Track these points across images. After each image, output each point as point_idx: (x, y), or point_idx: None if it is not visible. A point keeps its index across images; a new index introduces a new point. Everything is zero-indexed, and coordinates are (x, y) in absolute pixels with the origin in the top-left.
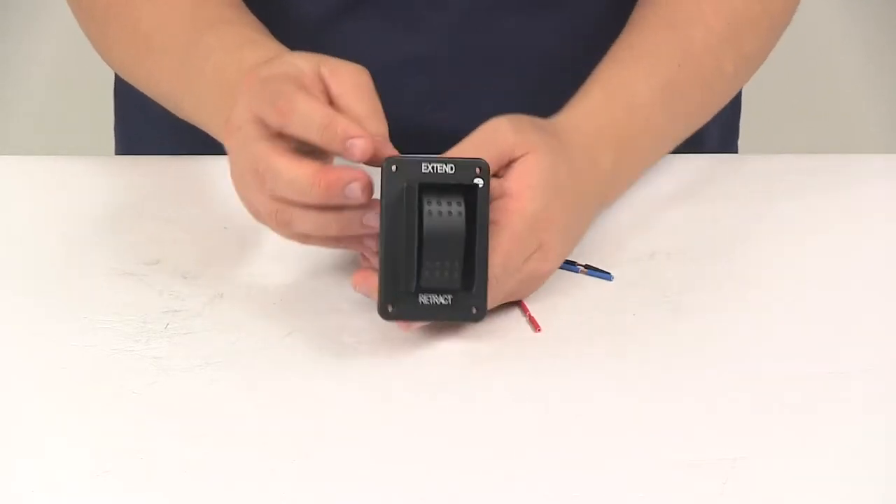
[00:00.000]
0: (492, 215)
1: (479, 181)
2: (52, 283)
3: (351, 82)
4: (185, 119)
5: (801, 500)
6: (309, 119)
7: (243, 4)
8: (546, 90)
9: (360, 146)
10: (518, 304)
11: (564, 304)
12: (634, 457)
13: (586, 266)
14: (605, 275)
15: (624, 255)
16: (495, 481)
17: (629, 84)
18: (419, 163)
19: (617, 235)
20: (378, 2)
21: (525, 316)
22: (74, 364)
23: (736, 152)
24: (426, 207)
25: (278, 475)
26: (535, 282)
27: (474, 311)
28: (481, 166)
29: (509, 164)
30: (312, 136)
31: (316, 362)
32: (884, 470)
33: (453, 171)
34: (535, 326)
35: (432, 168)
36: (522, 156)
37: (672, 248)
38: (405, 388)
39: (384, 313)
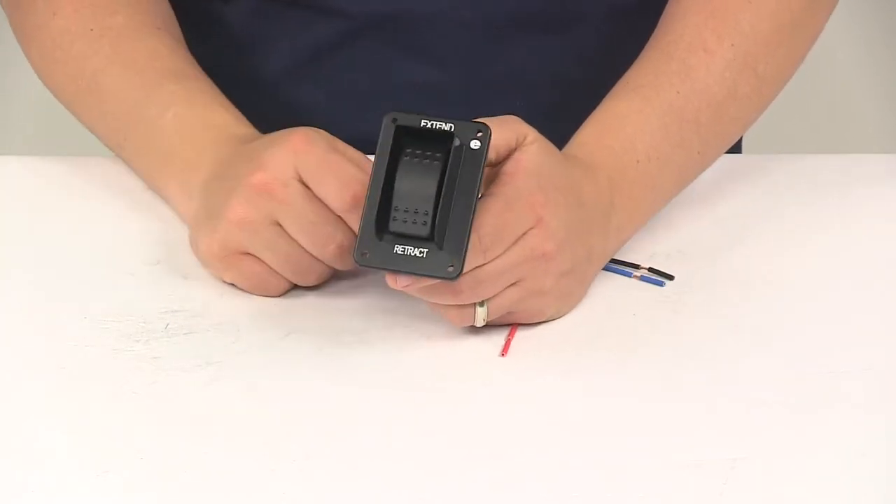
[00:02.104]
0: (487, 189)
1: (475, 143)
2: (51, 284)
3: (327, 175)
4: (121, 157)
5: (801, 500)
6: None
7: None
8: (555, 114)
9: None
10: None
11: None
12: (634, 457)
13: (650, 269)
14: (658, 281)
15: (624, 256)
16: (495, 481)
17: (622, 116)
18: (419, 118)
19: None
20: (385, 28)
21: (508, 336)
22: (74, 364)
23: (740, 152)
24: (405, 154)
25: (278, 475)
26: (542, 266)
27: (449, 268)
28: (482, 130)
29: (514, 150)
30: None
31: (316, 362)
32: (884, 470)
33: (452, 130)
34: (504, 351)
35: (432, 125)
36: (527, 144)
37: (672, 248)
38: (405, 388)
39: (359, 258)
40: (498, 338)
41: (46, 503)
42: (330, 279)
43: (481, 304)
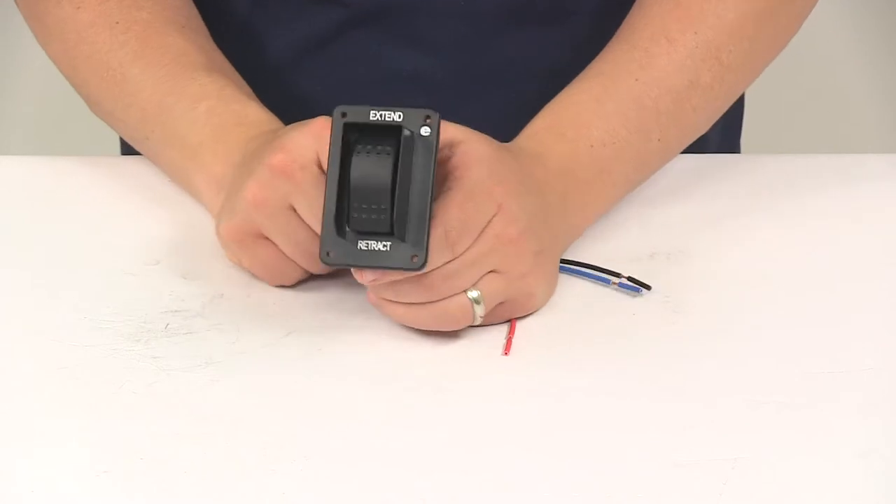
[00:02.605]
0: (443, 185)
1: (425, 130)
2: (52, 283)
3: None
4: (143, 151)
5: (801, 500)
6: None
7: (222, 56)
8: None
9: None
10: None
11: (564, 303)
12: (634, 457)
13: (629, 278)
14: (636, 288)
15: (624, 255)
16: (495, 481)
17: (577, 103)
18: (367, 111)
19: (617, 235)
20: (381, 18)
21: (508, 335)
22: (74, 364)
23: (739, 152)
24: (356, 150)
25: (278, 475)
26: (512, 250)
27: (413, 258)
28: (431, 116)
29: (452, 147)
30: None
31: (316, 362)
32: (884, 470)
33: (401, 119)
34: (506, 349)
35: (380, 115)
36: (466, 140)
37: (672, 248)
38: (405, 388)
39: (324, 258)
40: (498, 336)
41: (46, 503)
42: (328, 279)
43: (477, 301)
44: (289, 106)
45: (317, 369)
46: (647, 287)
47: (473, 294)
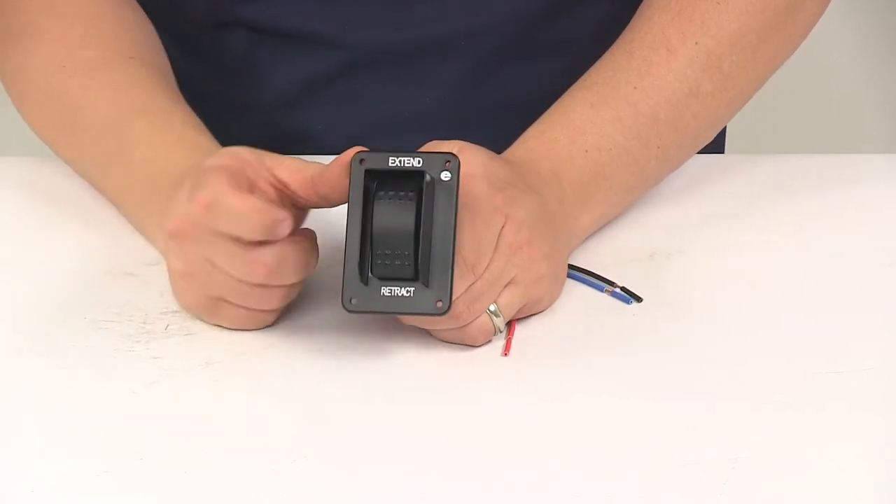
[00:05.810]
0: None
1: (446, 174)
2: (51, 284)
3: (293, 166)
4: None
5: (801, 500)
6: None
7: (175, 88)
8: None
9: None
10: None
11: (564, 303)
12: (634, 457)
13: (622, 288)
14: (628, 298)
15: (624, 255)
16: (495, 482)
17: (572, 110)
18: (386, 157)
19: (617, 235)
20: (383, 59)
21: (508, 335)
22: (74, 364)
23: (723, 151)
24: (377, 196)
25: (278, 475)
26: (525, 256)
27: (438, 304)
28: (450, 160)
29: None
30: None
31: (316, 362)
32: (884, 470)
33: (420, 165)
34: (506, 350)
35: (399, 161)
36: (458, 154)
37: (672, 248)
38: (405, 388)
39: (347, 305)
40: (498, 337)
41: (46, 503)
42: (329, 279)
43: (496, 314)
44: (286, 142)
45: (317, 369)
46: (639, 299)
47: (491, 308)
